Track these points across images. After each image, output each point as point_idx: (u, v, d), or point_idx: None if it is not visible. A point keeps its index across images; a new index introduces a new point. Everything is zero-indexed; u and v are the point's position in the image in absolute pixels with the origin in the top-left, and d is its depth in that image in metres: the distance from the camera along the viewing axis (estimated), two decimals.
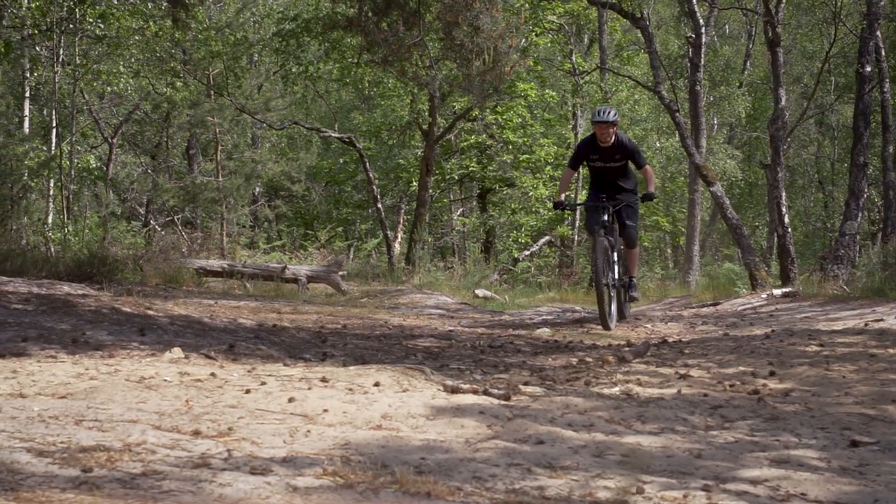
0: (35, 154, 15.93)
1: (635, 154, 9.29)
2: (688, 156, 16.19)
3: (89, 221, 18.99)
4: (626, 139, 9.35)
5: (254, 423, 3.66)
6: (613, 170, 9.29)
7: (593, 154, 9.23)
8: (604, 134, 9.06)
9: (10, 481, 2.72)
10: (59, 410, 3.57)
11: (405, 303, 12.09)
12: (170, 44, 19.71)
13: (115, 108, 23.28)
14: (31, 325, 5.23)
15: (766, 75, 29.46)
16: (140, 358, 4.82)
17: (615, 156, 9.20)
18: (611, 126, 9.05)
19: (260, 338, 5.88)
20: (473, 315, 10.49)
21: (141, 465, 3.01)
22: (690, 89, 20.51)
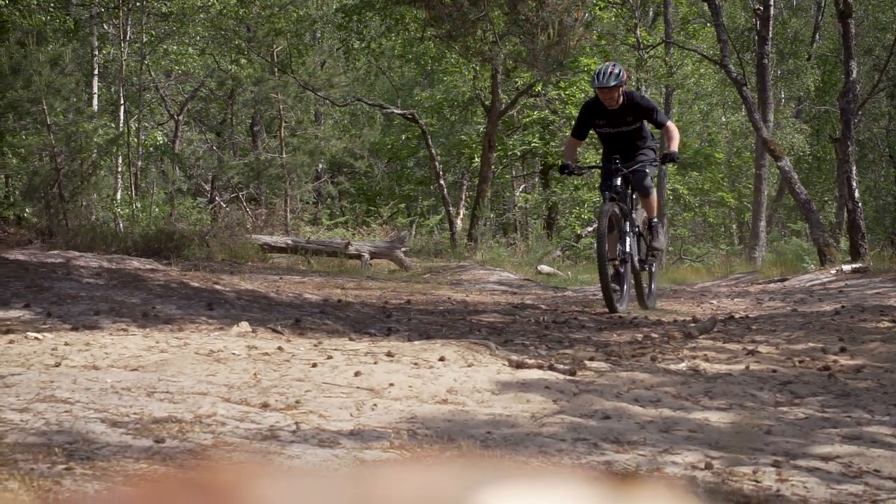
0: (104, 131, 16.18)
1: (652, 112, 7.92)
2: (755, 130, 15.95)
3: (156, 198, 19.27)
4: (638, 96, 8.03)
5: (321, 396, 3.70)
6: (626, 135, 7.94)
7: (599, 119, 7.90)
8: (608, 99, 7.75)
9: (87, 451, 2.77)
10: (132, 382, 3.64)
11: (467, 279, 12.10)
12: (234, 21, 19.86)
13: (180, 85, 23.53)
14: (102, 299, 5.32)
15: (835, 47, 28.86)
16: (208, 332, 4.89)
17: (626, 118, 7.84)
18: (615, 90, 7.68)
19: (325, 312, 5.92)
20: (536, 291, 10.47)
21: (211, 437, 3.05)
22: (758, 63, 20.19)
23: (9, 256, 6.51)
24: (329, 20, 22.88)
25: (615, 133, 7.94)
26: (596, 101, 7.87)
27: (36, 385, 3.43)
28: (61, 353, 4.06)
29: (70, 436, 2.88)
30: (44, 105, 14.30)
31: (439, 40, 13.12)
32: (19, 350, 4.07)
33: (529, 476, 0.43)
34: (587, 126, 8.07)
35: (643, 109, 7.89)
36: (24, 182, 14.55)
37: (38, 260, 6.55)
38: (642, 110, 7.89)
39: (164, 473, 2.66)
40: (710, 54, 22.12)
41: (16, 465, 2.50)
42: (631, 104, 7.84)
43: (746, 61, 26.20)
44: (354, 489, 0.45)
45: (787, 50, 29.62)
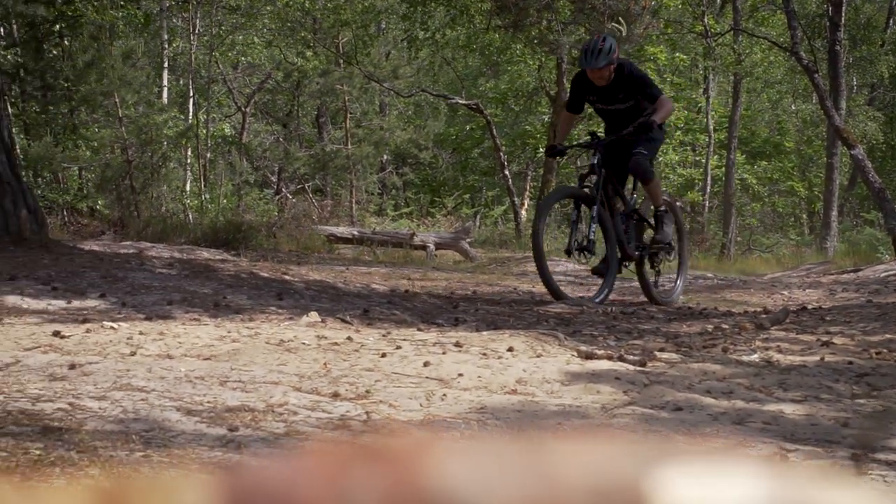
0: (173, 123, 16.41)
1: (644, 86, 7.16)
2: (826, 118, 15.67)
3: (224, 189, 19.50)
4: (630, 69, 7.23)
5: (390, 386, 3.71)
6: (621, 113, 7.23)
7: (591, 94, 7.27)
8: (598, 78, 7.10)
9: (163, 438, 2.82)
10: (205, 371, 3.68)
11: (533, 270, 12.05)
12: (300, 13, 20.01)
13: (248, 77, 23.76)
14: (175, 289, 5.40)
15: None
16: (279, 321, 4.93)
17: (618, 94, 7.16)
18: (605, 69, 7.01)
19: (393, 303, 5.95)
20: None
21: (284, 426, 3.08)
22: (829, 49, 19.82)
23: (84, 247, 6.63)
24: (394, 11, 22.94)
25: (608, 111, 7.34)
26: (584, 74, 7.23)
27: (113, 373, 3.49)
28: (136, 343, 4.12)
29: (146, 423, 2.93)
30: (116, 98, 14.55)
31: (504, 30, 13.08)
32: (96, 339, 4.14)
33: (702, 454, 0.43)
34: (580, 99, 7.43)
35: (636, 83, 7.16)
36: (96, 174, 14.82)
37: (111, 251, 6.67)
38: (635, 84, 7.15)
39: (340, 440, 2.70)
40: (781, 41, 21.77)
41: (96, 452, 2.55)
42: (622, 79, 7.13)
43: (818, 48, 25.73)
44: (529, 462, 0.44)
45: (860, 36, 29.02)
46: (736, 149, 23.88)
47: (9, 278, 5.04)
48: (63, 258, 5.54)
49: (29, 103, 14.77)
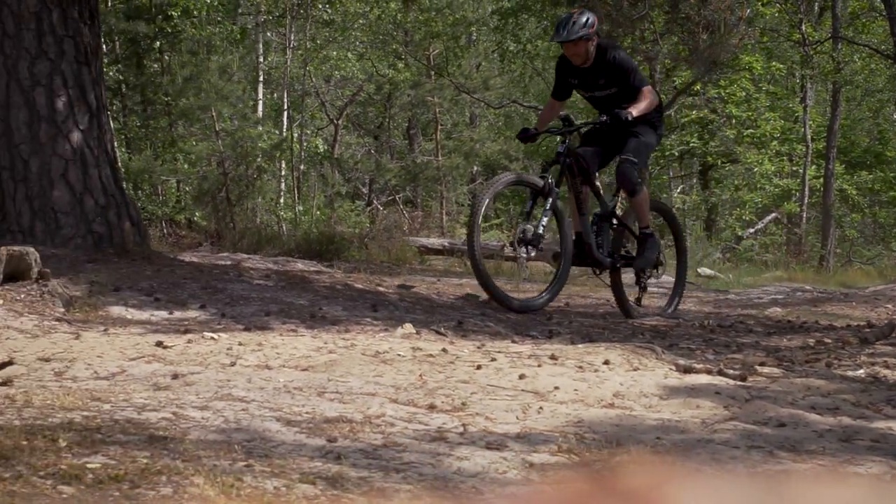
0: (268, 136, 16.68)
1: (627, 74, 6.41)
2: None
3: (317, 201, 19.73)
4: (615, 53, 6.48)
5: (486, 398, 3.70)
6: (603, 101, 6.53)
7: (572, 77, 6.59)
8: (573, 55, 6.42)
9: (264, 448, 2.85)
10: (303, 382, 3.72)
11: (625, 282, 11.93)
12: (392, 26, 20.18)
13: (340, 90, 24.04)
14: (272, 300, 5.47)
15: None
16: (374, 333, 4.96)
17: (598, 80, 6.46)
18: (580, 44, 6.29)
19: (486, 315, 5.94)
20: (697, 294, 10.24)
21: (381, 437, 3.09)
22: None
23: (184, 259, 6.77)
24: (485, 23, 23.00)
25: (590, 98, 6.71)
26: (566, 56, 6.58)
27: (214, 383, 3.55)
28: (236, 353, 4.19)
29: (247, 433, 2.97)
30: (213, 112, 14.84)
31: None
32: (197, 349, 4.21)
33: None
34: (565, 84, 6.71)
35: (617, 69, 6.40)
36: (194, 187, 15.13)
37: (210, 262, 6.79)
38: (616, 70, 6.40)
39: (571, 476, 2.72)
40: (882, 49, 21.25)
41: (200, 461, 2.59)
42: (603, 63, 6.42)
43: None
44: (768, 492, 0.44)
45: None
46: (835, 159, 23.35)
47: (113, 289, 5.16)
48: (164, 270, 5.66)
49: (130, 118, 15.16)
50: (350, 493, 2.55)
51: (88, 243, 5.84)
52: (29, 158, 5.80)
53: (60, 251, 5.41)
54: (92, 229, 5.91)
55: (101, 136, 6.16)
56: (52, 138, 5.82)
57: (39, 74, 5.78)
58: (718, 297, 9.79)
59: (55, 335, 4.40)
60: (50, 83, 5.80)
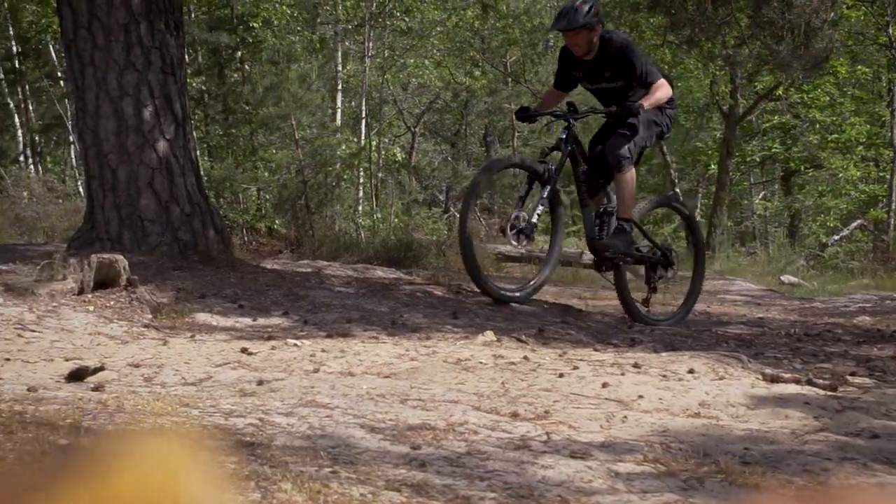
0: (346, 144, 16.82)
1: (634, 67, 6.00)
2: None
3: (395, 208, 19.84)
4: (622, 44, 6.06)
5: (569, 406, 3.68)
6: (609, 94, 6.19)
7: (576, 69, 6.22)
8: (574, 46, 6.07)
9: (349, 455, 2.86)
10: (386, 389, 3.73)
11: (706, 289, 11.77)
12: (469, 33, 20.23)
13: (417, 98, 24.15)
14: (353, 308, 5.50)
15: None
16: (455, 340, 4.96)
17: (604, 72, 6.10)
18: (580, 33, 5.95)
19: (567, 322, 5.91)
20: (781, 302, 10.08)
21: (465, 445, 3.09)
22: None
23: (266, 266, 6.85)
24: None
25: (596, 90, 6.32)
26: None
27: (298, 390, 3.58)
28: (319, 360, 4.22)
29: (332, 440, 2.99)
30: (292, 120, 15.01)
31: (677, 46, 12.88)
32: (281, 356, 4.26)
33: None
34: (566, 75, 6.34)
35: (624, 61, 6.00)
36: (273, 195, 15.31)
37: (291, 269, 6.86)
38: (623, 62, 6.01)
39: None
40: None
41: (286, 467, 2.61)
42: (607, 54, 6.04)
43: None
44: None
45: None
46: None
47: (199, 296, 5.24)
48: (247, 277, 5.73)
49: (212, 127, 15.40)
50: (435, 500, 2.55)
51: (174, 251, 5.95)
52: (117, 167, 5.92)
53: (147, 259, 5.52)
54: (178, 237, 6.01)
55: (186, 145, 6.27)
56: (139, 148, 5.95)
57: (127, 85, 5.90)
58: (803, 306, 9.62)
59: (144, 341, 4.48)
60: (137, 94, 5.93)
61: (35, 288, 4.86)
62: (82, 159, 6.85)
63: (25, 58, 18.78)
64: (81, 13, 5.86)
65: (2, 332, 4.36)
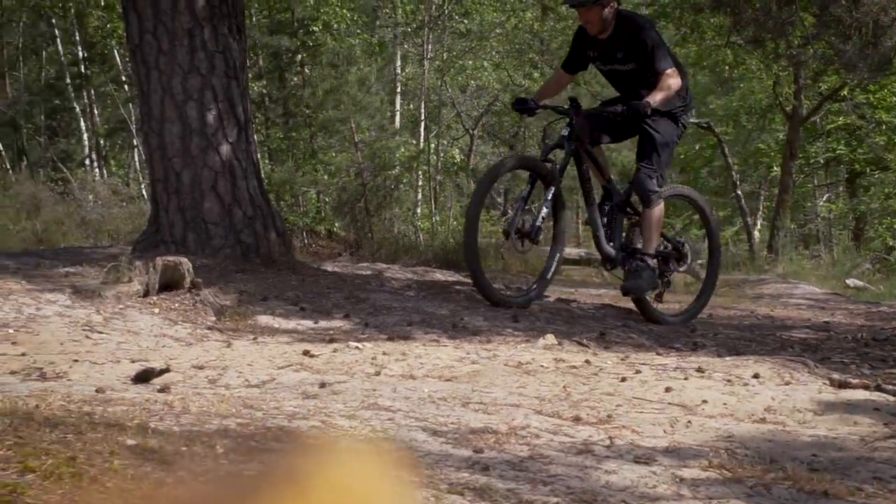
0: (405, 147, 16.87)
1: (646, 50, 5.71)
2: None
3: (453, 211, 19.85)
4: (637, 24, 5.82)
5: (632, 411, 3.65)
6: (622, 76, 5.91)
7: (590, 49, 5.97)
8: (587, 23, 5.83)
9: (411, 458, 2.86)
10: (447, 392, 3.73)
11: (769, 293, 11.61)
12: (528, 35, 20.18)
13: (475, 100, 24.15)
14: (414, 311, 5.51)
15: None
16: (515, 344, 4.95)
17: (617, 53, 5.83)
18: (592, 8, 5.71)
19: (628, 326, 5.86)
20: (847, 306, 9.89)
21: (527, 449, 3.08)
22: None
23: (327, 268, 6.88)
24: None
25: (607, 71, 6.02)
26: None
27: (360, 393, 3.59)
28: (380, 363, 4.23)
29: (395, 443, 2.99)
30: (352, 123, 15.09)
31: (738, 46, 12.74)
32: (342, 359, 4.27)
33: None
34: (580, 56, 6.07)
35: (638, 43, 5.71)
36: (333, 197, 15.41)
37: (351, 272, 6.89)
38: (637, 44, 5.72)
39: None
40: None
41: None
42: (624, 34, 5.78)
43: None
44: None
45: None
46: None
47: (261, 299, 5.28)
48: (308, 279, 5.77)
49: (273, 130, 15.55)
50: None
51: (237, 253, 6.00)
52: (181, 171, 5.99)
53: (210, 261, 5.58)
54: (240, 240, 6.07)
55: (248, 148, 6.32)
56: (203, 151, 6.01)
57: (191, 89, 5.97)
58: (870, 310, 9.44)
59: (208, 343, 4.53)
60: (201, 97, 5.99)
61: (102, 290, 4.94)
62: (147, 163, 6.95)
63: (91, 63, 19.13)
64: (147, 18, 5.95)
65: (70, 333, 4.43)
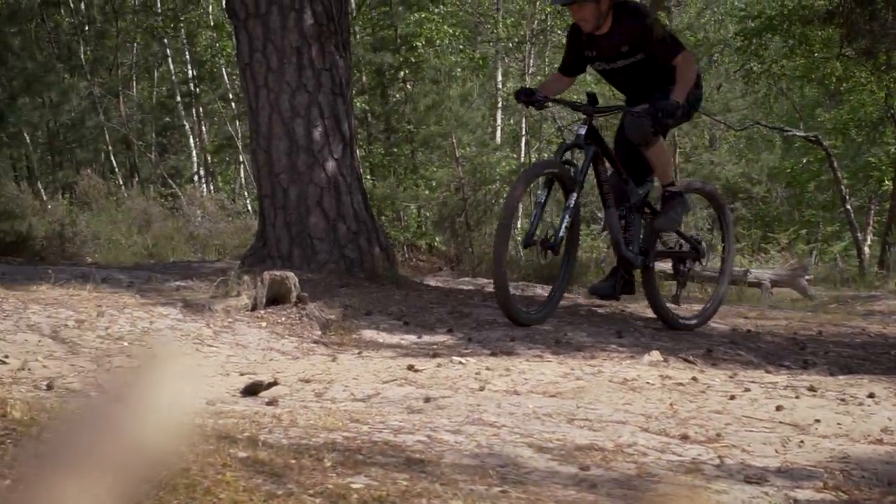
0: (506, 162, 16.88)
1: (650, 35, 5.27)
2: None
3: None
4: (637, 8, 5.40)
5: (742, 430, 3.58)
6: (630, 72, 5.46)
7: (587, 49, 5.49)
8: (581, 21, 5.38)
9: (517, 475, 2.85)
10: (552, 408, 3.71)
11: (880, 309, 11.28)
12: None
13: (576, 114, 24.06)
14: (516, 326, 5.49)
15: None
16: (620, 360, 4.90)
17: (620, 47, 5.36)
18: (585, 4, 5.25)
19: (735, 343, 5.75)
20: None
21: (634, 467, 3.04)
22: None
23: (429, 283, 6.91)
24: (727, 43, 22.48)
25: (612, 71, 5.53)
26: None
27: (464, 408, 3.59)
28: (484, 378, 4.22)
29: (500, 459, 2.98)
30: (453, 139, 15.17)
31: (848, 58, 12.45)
32: (446, 373, 4.28)
33: None
34: (576, 57, 5.62)
35: (641, 30, 5.26)
36: (434, 212, 15.49)
37: (453, 287, 6.91)
38: (640, 31, 5.26)
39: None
40: None
41: (456, 485, 2.61)
42: (624, 23, 5.31)
43: None
44: None
45: None
46: None
47: (365, 313, 5.33)
48: (412, 294, 5.80)
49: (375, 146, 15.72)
50: None
51: (341, 268, 6.07)
52: (288, 187, 6.09)
53: (316, 276, 5.65)
54: (344, 254, 6.13)
55: (353, 164, 6.40)
56: (309, 167, 6.10)
57: (299, 106, 6.07)
58: None
59: (313, 357, 4.59)
60: (308, 114, 6.09)
61: (211, 304, 5.05)
62: (255, 179, 7.09)
63: (200, 81, 19.62)
64: (257, 37, 6.08)
65: (182, 346, 4.54)
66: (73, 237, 11.08)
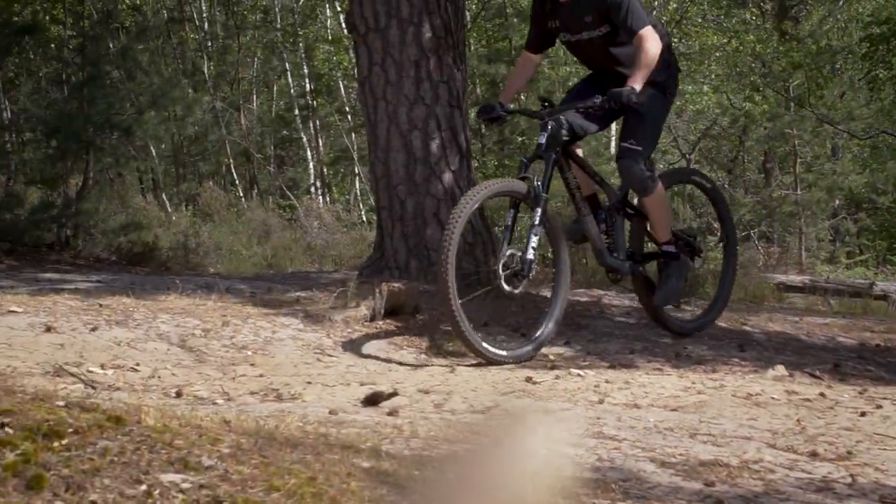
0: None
1: (618, 8, 4.85)
2: None
3: None
4: None
5: (874, 448, 3.47)
6: (592, 46, 5.08)
7: (552, 20, 5.12)
8: None
9: (640, 490, 2.81)
10: (673, 423, 3.65)
11: None
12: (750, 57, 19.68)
13: (692, 124, 23.70)
14: (635, 338, 5.43)
15: None
16: (743, 374, 4.80)
17: (584, 17, 4.99)
18: None
19: (864, 357, 5.57)
20: None
21: (762, 484, 2.97)
22: None
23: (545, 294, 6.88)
24: (851, 51, 21.88)
25: (577, 43, 5.12)
26: None
27: (584, 421, 3.56)
28: (603, 391, 4.19)
29: (622, 473, 2.95)
30: None
31: None
32: (565, 386, 4.26)
33: None
34: (542, 30, 5.23)
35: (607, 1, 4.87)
36: None
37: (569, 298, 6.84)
38: (601, 1, 4.89)
39: None
40: None
41: (578, 498, 2.59)
42: None
43: None
44: None
45: None
46: None
47: (482, 324, 5.33)
48: (528, 305, 5.77)
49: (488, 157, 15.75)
50: None
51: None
52: (405, 199, 6.13)
53: (432, 287, 5.66)
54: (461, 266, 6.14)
55: (468, 176, 6.41)
56: (426, 179, 6.13)
57: (416, 119, 6.11)
58: None
59: (432, 368, 4.61)
60: (425, 127, 6.12)
61: (331, 314, 5.11)
62: (373, 190, 7.13)
63: (318, 94, 19.95)
64: (376, 51, 6.14)
65: (303, 356, 4.61)
66: (196, 248, 11.36)
